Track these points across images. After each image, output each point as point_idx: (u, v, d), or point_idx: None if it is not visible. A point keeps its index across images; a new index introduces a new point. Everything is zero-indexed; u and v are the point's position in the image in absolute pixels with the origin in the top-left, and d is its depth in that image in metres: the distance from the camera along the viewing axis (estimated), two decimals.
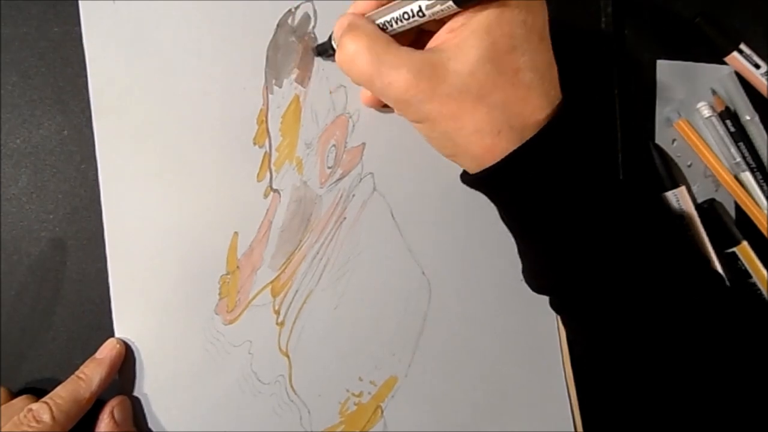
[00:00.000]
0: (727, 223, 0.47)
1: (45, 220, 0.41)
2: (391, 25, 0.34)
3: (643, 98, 0.48)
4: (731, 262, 0.47)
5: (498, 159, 0.33)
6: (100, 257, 0.40)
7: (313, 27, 0.43)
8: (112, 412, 0.38)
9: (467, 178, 0.37)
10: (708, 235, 0.48)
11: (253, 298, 0.41)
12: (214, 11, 0.42)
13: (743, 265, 0.47)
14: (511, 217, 0.37)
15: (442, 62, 0.32)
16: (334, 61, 0.40)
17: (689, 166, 0.48)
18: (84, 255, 0.41)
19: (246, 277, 0.41)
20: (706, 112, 0.48)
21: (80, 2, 0.40)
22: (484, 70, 0.32)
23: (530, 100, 0.33)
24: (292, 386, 0.42)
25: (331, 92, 0.43)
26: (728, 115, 0.48)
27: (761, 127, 0.48)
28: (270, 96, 0.42)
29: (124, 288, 0.40)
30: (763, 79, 0.47)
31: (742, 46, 0.47)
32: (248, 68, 0.42)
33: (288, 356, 0.42)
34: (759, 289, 0.47)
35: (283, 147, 0.42)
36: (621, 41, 0.47)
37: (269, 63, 0.42)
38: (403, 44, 0.35)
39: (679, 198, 0.46)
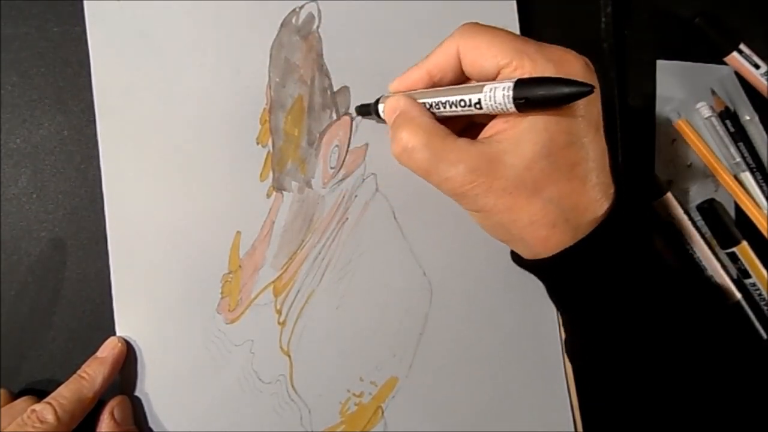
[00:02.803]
0: (726, 223, 0.47)
1: (45, 220, 0.41)
2: (443, 108, 0.34)
3: (642, 98, 0.48)
4: (731, 262, 0.47)
5: (552, 251, 0.34)
6: (100, 257, 0.40)
7: (317, 26, 0.43)
8: (112, 412, 0.38)
9: (519, 261, 0.37)
10: (707, 235, 0.48)
11: (255, 297, 0.41)
12: (218, 10, 0.42)
13: (743, 265, 0.47)
14: (558, 298, 0.37)
15: (499, 156, 0.31)
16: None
17: (689, 166, 0.49)
18: (84, 255, 0.41)
19: (248, 277, 0.41)
20: (706, 112, 0.48)
21: (85, 2, 0.40)
22: (540, 165, 0.31)
23: (585, 193, 0.33)
24: (292, 386, 0.41)
25: (334, 92, 0.43)
26: (728, 115, 0.48)
27: (761, 127, 0.48)
28: (273, 95, 0.42)
29: (126, 287, 0.40)
30: (763, 80, 0.47)
31: (742, 47, 0.47)
32: (252, 67, 0.42)
33: (289, 356, 0.42)
34: (759, 289, 0.47)
35: (286, 147, 0.42)
36: (621, 41, 0.47)
37: (273, 62, 0.42)
38: (454, 128, 0.34)
39: (666, 206, 0.46)
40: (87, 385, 0.37)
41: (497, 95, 0.31)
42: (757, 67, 0.48)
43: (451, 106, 0.33)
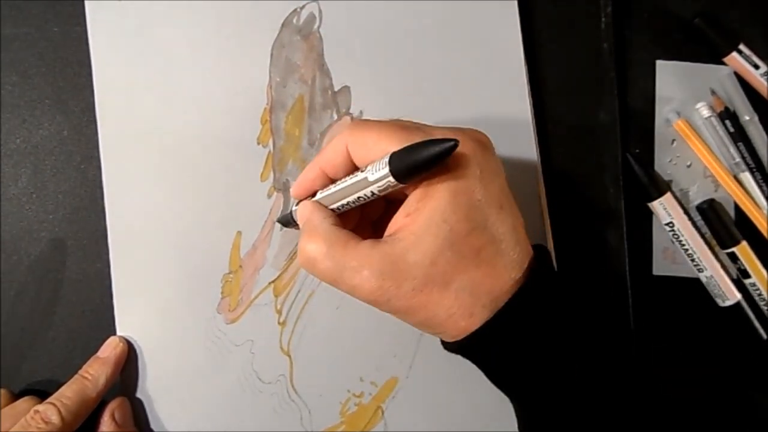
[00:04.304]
0: (726, 223, 0.47)
1: (45, 220, 0.41)
2: (346, 207, 0.34)
3: (642, 98, 0.48)
4: (731, 262, 0.47)
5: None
6: (100, 257, 0.40)
7: (318, 26, 0.43)
8: (113, 414, 0.38)
9: (446, 345, 0.36)
10: (707, 235, 0.48)
11: (256, 297, 0.41)
12: (219, 10, 0.42)
13: (743, 265, 0.47)
14: (493, 380, 0.36)
15: (402, 255, 0.31)
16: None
17: (688, 166, 0.49)
18: (84, 255, 0.41)
19: (248, 277, 0.41)
20: (706, 112, 0.48)
21: (86, 2, 0.40)
22: (445, 258, 0.31)
23: (497, 275, 0.32)
24: (293, 386, 0.41)
25: (335, 92, 0.43)
26: (727, 115, 0.48)
27: (761, 127, 0.48)
28: (274, 95, 0.42)
29: (127, 286, 0.40)
30: (763, 80, 0.47)
31: (742, 47, 0.47)
32: (253, 67, 0.42)
33: (289, 356, 0.42)
34: (759, 289, 0.47)
35: (286, 147, 0.42)
36: (621, 41, 0.47)
37: (274, 62, 0.42)
38: (369, 219, 0.35)
39: (666, 206, 0.46)
40: (90, 386, 0.37)
41: (377, 176, 0.30)
42: (756, 67, 0.48)
43: (353, 204, 0.33)
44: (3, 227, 0.40)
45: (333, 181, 0.35)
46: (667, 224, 0.47)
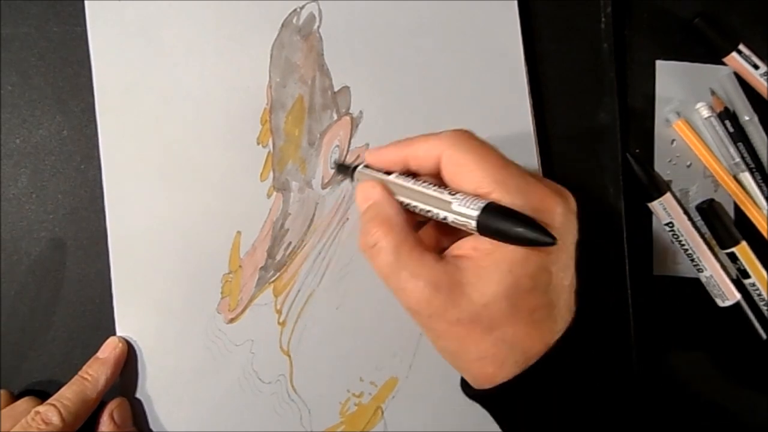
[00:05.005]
0: (726, 224, 0.47)
1: (45, 220, 0.41)
2: (412, 209, 0.33)
3: (642, 98, 0.48)
4: (731, 262, 0.47)
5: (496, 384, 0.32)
6: (100, 257, 0.40)
7: (318, 26, 0.43)
8: (112, 414, 0.38)
9: (465, 390, 0.36)
10: (707, 235, 0.48)
11: (255, 297, 0.41)
12: (218, 10, 0.42)
13: (742, 265, 0.47)
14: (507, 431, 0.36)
15: (461, 284, 0.30)
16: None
17: (688, 166, 0.49)
18: (84, 255, 0.41)
19: (248, 276, 0.41)
20: (705, 112, 0.48)
21: (86, 2, 0.40)
22: (499, 306, 0.30)
23: (541, 338, 0.31)
24: (292, 386, 0.41)
25: (335, 92, 0.43)
26: (727, 115, 0.48)
27: (760, 127, 0.48)
28: (274, 95, 0.42)
29: (127, 286, 0.40)
30: (762, 80, 0.47)
31: (741, 47, 0.47)
32: (252, 67, 0.42)
33: (289, 356, 0.42)
34: (758, 289, 0.47)
35: (286, 147, 0.42)
36: (621, 41, 0.47)
37: (274, 62, 0.42)
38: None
39: (666, 206, 0.46)
40: (90, 386, 0.37)
41: (462, 211, 0.30)
42: (756, 67, 0.48)
43: (419, 212, 0.33)
44: (3, 227, 0.40)
45: (409, 170, 0.34)
46: (666, 224, 0.47)
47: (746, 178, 0.48)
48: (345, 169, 0.39)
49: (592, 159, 0.46)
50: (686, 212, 0.47)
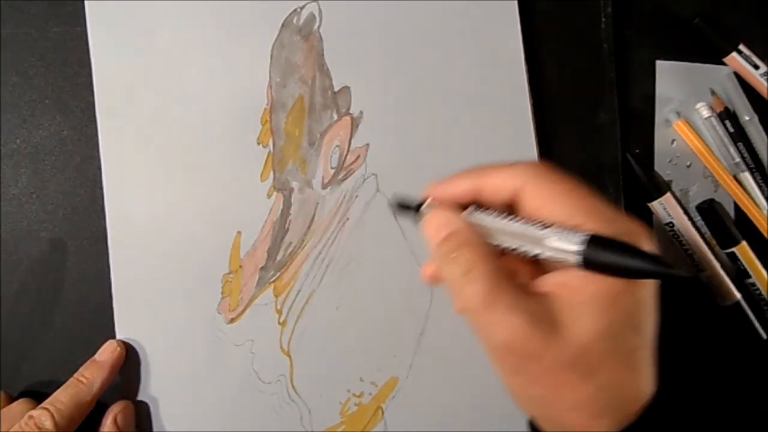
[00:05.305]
0: (726, 224, 0.47)
1: (45, 220, 0.41)
2: (495, 247, 0.30)
3: (642, 98, 0.48)
4: (731, 262, 0.47)
5: None
6: (100, 257, 0.40)
7: (318, 26, 0.43)
8: (115, 417, 0.38)
9: None
10: (707, 235, 0.48)
11: (256, 297, 0.41)
12: (219, 11, 0.42)
13: (742, 265, 0.47)
14: None
15: (558, 323, 0.27)
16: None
17: (688, 166, 0.49)
18: (84, 255, 0.41)
19: (248, 277, 0.41)
20: (706, 112, 0.48)
21: (86, 2, 0.40)
22: (599, 347, 0.27)
23: (639, 383, 0.28)
24: (293, 386, 0.41)
25: (335, 92, 0.43)
26: (727, 115, 0.48)
27: (760, 127, 0.48)
28: (274, 95, 0.42)
29: (126, 287, 0.40)
30: (762, 80, 0.47)
31: (741, 47, 0.47)
32: (253, 67, 0.42)
33: (289, 356, 0.42)
34: (758, 289, 0.47)
35: (286, 147, 0.42)
36: (621, 41, 0.47)
37: (274, 62, 0.42)
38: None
39: (666, 206, 0.46)
40: (85, 389, 0.37)
41: (560, 246, 0.27)
42: (756, 67, 0.48)
43: (504, 248, 0.29)
44: (3, 227, 0.40)
45: (477, 202, 0.31)
46: (667, 224, 0.47)
47: (746, 178, 0.48)
48: (406, 209, 0.34)
49: (592, 159, 0.46)
50: (686, 212, 0.47)
